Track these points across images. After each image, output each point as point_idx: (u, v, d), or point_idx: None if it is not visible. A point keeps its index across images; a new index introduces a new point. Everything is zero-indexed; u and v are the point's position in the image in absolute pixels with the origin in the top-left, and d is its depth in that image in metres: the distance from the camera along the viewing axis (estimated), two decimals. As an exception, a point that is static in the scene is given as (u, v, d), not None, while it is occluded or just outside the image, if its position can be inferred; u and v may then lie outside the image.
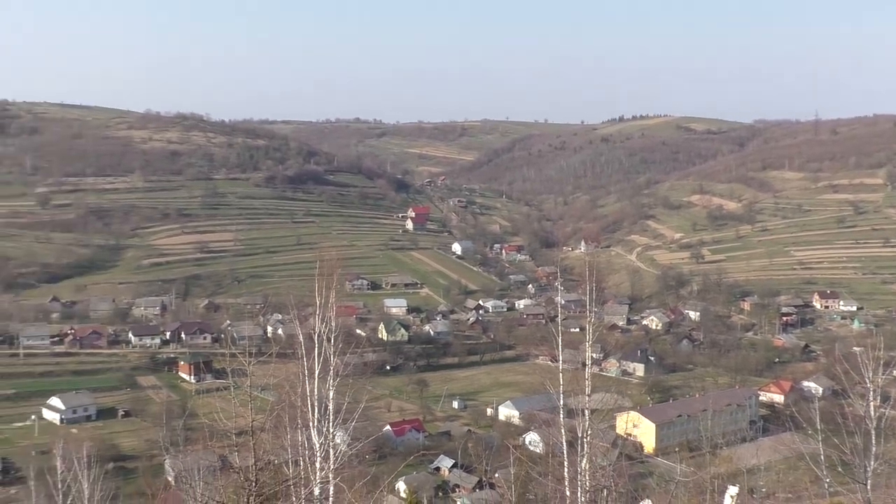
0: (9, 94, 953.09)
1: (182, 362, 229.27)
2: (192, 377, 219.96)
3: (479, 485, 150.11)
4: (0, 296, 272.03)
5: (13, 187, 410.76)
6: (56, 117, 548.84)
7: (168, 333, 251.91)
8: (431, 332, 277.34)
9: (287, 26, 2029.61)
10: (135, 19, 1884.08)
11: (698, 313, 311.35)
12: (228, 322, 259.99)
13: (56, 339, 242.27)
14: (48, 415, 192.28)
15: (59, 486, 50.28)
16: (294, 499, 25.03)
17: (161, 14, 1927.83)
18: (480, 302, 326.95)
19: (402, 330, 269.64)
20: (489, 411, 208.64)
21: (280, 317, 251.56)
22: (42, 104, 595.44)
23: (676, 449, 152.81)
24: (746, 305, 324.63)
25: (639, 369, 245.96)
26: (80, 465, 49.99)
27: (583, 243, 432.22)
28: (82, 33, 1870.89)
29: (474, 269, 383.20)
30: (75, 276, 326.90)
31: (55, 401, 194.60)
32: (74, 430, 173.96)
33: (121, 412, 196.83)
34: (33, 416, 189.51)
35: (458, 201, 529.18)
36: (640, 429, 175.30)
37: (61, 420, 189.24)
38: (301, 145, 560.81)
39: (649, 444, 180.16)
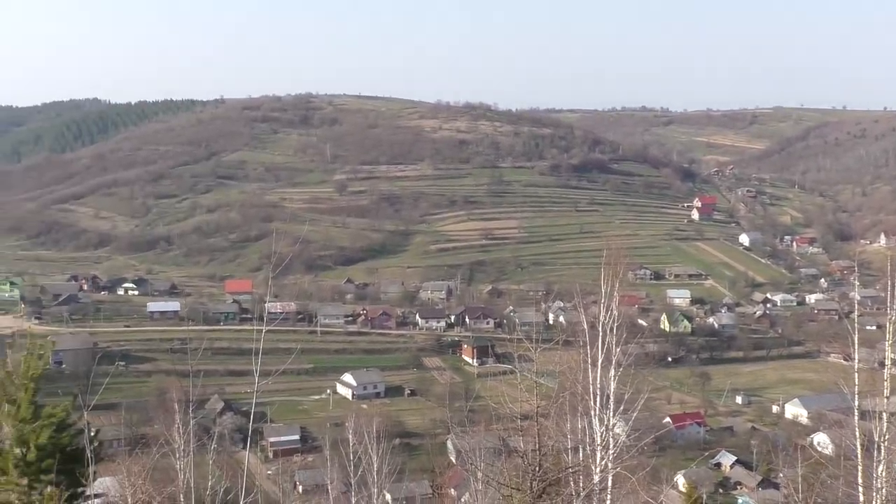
0: (313, 87, 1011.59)
1: (465, 345, 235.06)
2: (475, 360, 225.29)
3: (763, 484, 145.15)
4: (302, 276, 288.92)
5: (314, 175, 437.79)
6: (353, 108, 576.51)
7: (453, 317, 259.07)
8: (715, 325, 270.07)
9: (571, 14, 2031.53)
10: (428, 15, 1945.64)
11: None
12: (511, 308, 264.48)
13: (349, 318, 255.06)
14: (341, 390, 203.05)
15: (351, 457, 53.02)
16: (574, 486, 25.14)
17: (453, 9, 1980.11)
18: (768, 295, 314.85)
19: (685, 321, 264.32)
20: (775, 408, 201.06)
21: (562, 304, 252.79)
22: (341, 96, 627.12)
23: None
24: None
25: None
26: (370, 438, 52.53)
27: (883, 236, 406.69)
28: (378, 28, 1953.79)
29: (762, 261, 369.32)
30: (368, 259, 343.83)
31: (348, 377, 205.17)
32: (364, 406, 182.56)
33: (407, 391, 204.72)
34: (328, 391, 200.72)
35: (747, 191, 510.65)
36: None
37: (353, 395, 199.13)
38: (586, 134, 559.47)
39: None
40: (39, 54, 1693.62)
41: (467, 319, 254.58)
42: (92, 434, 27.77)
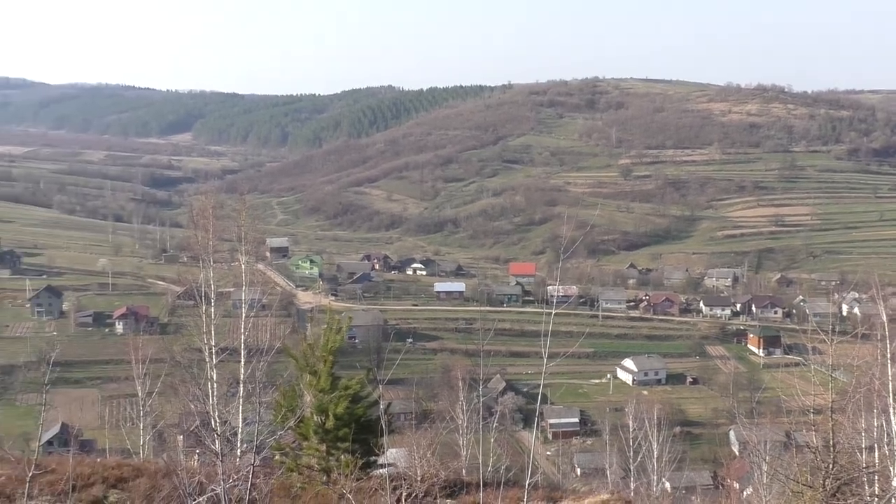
0: (599, 71, 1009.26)
1: (751, 335, 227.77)
2: (761, 350, 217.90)
3: None
4: (584, 261, 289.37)
5: (599, 159, 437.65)
6: (640, 92, 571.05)
7: (738, 305, 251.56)
8: None
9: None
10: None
11: None
12: (801, 298, 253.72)
13: (631, 303, 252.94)
14: (621, 375, 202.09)
15: (631, 442, 52.91)
16: (868, 488, 23.99)
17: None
18: None
19: None
20: None
21: (857, 295, 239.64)
22: (628, 80, 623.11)
23: None
24: None
25: None
26: (650, 425, 52.20)
27: None
28: (664, 11, 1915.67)
29: None
30: (651, 244, 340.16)
31: (628, 362, 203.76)
32: (645, 392, 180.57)
33: (689, 379, 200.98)
34: (609, 375, 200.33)
35: None
36: None
37: (633, 381, 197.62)
38: (889, 116, 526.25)
39: None
40: (342, 48, 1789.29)
41: (754, 308, 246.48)
42: (384, 407, 29.33)
